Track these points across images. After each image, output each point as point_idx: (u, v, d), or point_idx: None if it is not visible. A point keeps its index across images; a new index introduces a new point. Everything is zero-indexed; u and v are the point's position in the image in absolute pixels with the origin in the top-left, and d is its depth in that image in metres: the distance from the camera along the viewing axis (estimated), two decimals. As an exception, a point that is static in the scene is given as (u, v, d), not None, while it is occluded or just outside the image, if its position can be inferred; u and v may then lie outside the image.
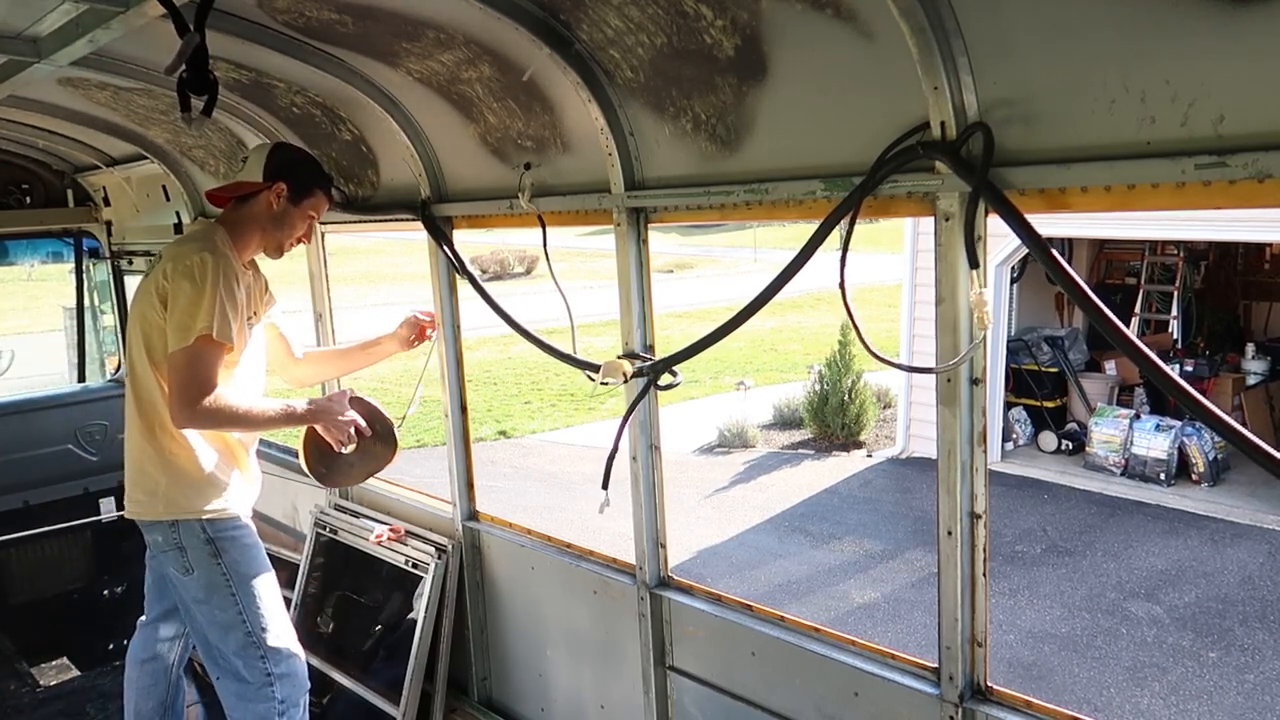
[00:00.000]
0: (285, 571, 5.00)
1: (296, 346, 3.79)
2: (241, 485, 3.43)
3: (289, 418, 3.31)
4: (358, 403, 3.50)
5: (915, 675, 2.60)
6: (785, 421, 14.08)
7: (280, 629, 3.39)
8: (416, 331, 3.86)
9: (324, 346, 4.56)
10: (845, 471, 11.95)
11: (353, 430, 3.43)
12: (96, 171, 5.78)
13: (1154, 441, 10.47)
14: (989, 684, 2.47)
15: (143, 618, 3.75)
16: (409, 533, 4.33)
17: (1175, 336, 12.26)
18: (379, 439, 3.57)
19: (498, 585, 4.10)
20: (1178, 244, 12.21)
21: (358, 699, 4.19)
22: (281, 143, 3.69)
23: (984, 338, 2.23)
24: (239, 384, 3.28)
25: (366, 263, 37.64)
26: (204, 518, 3.29)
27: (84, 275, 6.57)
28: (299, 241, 3.47)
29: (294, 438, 3.62)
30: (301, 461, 3.62)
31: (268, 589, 3.39)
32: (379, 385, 14.63)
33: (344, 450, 3.48)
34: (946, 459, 2.36)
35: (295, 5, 2.86)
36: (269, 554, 5.10)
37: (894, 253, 15.93)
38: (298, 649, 3.46)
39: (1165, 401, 11.34)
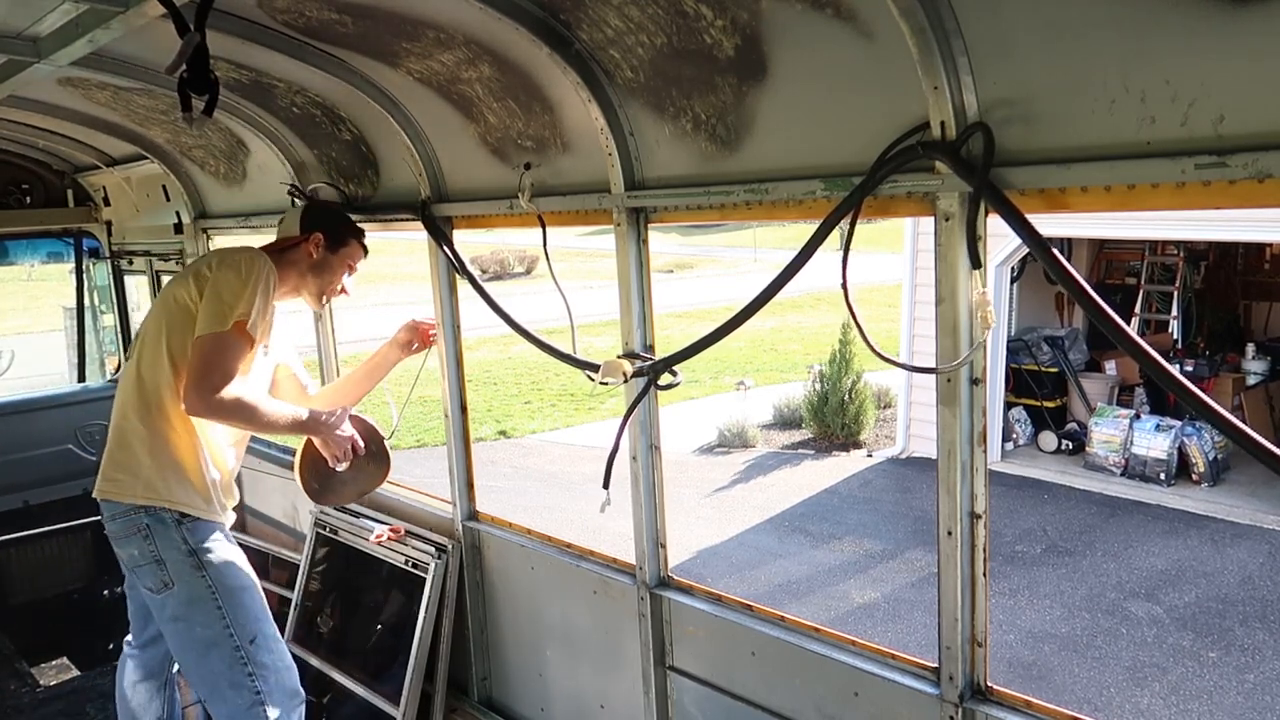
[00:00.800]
0: (285, 571, 5.01)
1: (310, 385, 3.84)
2: (222, 496, 3.36)
3: (295, 424, 3.31)
4: (355, 420, 3.54)
5: (915, 675, 2.60)
6: (785, 421, 14.08)
7: (268, 643, 3.24)
8: (417, 336, 3.89)
9: (329, 381, 4.63)
10: (845, 471, 11.94)
11: (349, 447, 3.47)
12: (96, 171, 5.78)
13: (1154, 441, 10.47)
14: (989, 684, 2.46)
15: (128, 638, 3.67)
16: (409, 533, 4.33)
17: (1175, 336, 12.26)
18: (372, 458, 3.63)
19: (498, 585, 4.10)
20: (1178, 244, 12.21)
21: (358, 699, 4.19)
22: (315, 200, 4.11)
23: (986, 339, 2.23)
24: None
25: (366, 263, 37.57)
26: (180, 511, 3.18)
27: (84, 275, 6.59)
28: (341, 292, 3.69)
29: (293, 441, 3.64)
30: (296, 478, 3.67)
31: (254, 601, 3.26)
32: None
33: (338, 468, 3.54)
34: (946, 459, 2.36)
35: (295, 5, 2.87)
36: (269, 554, 5.16)
37: (894, 253, 15.92)
38: (288, 662, 3.32)
39: (1165, 401, 11.33)
